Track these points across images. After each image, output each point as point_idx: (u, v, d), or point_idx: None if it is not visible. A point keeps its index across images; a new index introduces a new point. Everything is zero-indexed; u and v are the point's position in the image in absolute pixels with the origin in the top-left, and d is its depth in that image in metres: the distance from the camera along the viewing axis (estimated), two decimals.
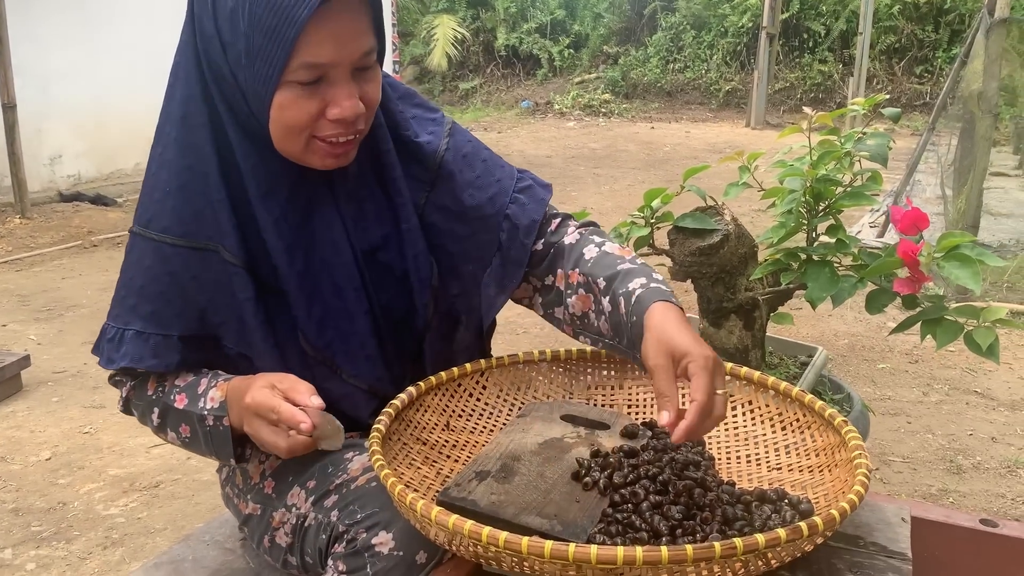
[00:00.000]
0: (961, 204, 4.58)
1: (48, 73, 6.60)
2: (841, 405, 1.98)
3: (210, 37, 1.06)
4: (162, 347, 1.14)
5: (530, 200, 1.29)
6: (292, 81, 1.02)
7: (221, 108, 1.10)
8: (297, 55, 1.00)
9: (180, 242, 1.12)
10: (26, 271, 4.95)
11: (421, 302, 1.22)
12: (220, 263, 1.12)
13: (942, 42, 11.98)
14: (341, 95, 1.04)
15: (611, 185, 7.66)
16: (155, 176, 1.14)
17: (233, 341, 1.16)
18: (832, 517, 0.91)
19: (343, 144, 1.09)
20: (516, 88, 14.57)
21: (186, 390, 1.16)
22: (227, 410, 1.12)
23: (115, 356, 1.16)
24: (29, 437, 2.88)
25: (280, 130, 1.06)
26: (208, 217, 1.11)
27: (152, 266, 1.13)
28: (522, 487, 1.08)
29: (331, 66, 1.03)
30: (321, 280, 1.17)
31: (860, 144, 1.69)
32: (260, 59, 1.01)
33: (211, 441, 1.14)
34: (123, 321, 1.15)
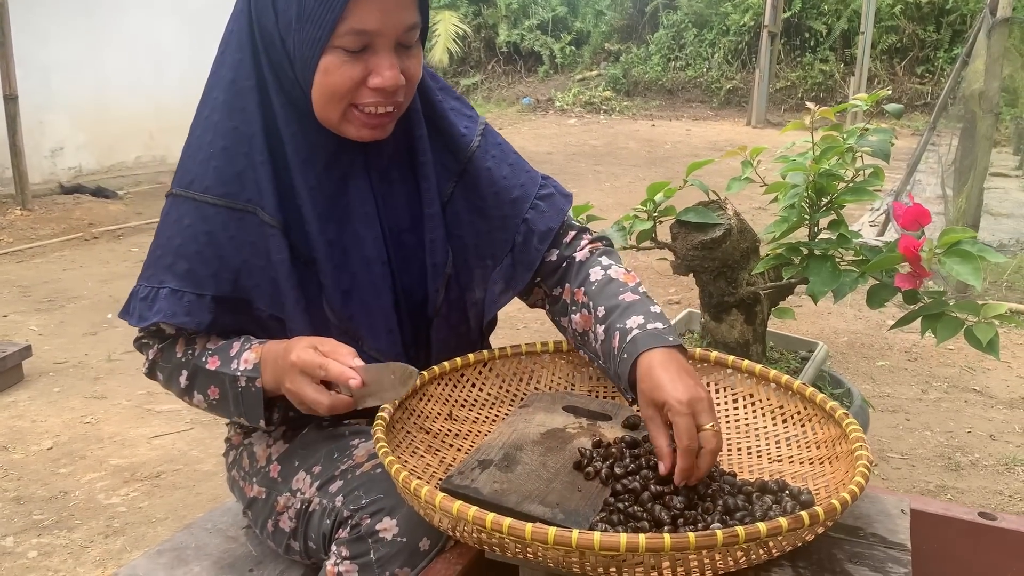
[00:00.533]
0: (961, 204, 4.58)
1: (50, 65, 6.59)
2: (841, 400, 1.99)
3: (264, 3, 1.10)
4: (195, 305, 1.15)
5: (549, 208, 1.33)
6: (338, 47, 1.07)
7: (268, 74, 1.14)
8: (345, 20, 1.04)
9: (220, 202, 1.14)
10: (27, 262, 4.96)
11: (433, 288, 1.24)
12: (258, 225, 1.14)
13: (943, 42, 11.98)
14: (383, 64, 1.08)
15: (612, 182, 7.67)
16: (199, 139, 1.17)
17: (265, 304, 1.18)
18: (833, 507, 0.92)
19: (380, 116, 1.12)
20: (517, 85, 14.56)
21: (218, 352, 1.17)
22: (260, 372, 1.13)
23: (147, 313, 1.16)
24: (31, 427, 2.89)
25: (322, 95, 1.10)
26: (249, 178, 1.14)
27: (192, 225, 1.15)
28: (524, 476, 1.09)
29: (376, 34, 1.07)
30: (351, 252, 1.19)
31: (863, 140, 1.69)
32: (310, 22, 1.05)
33: (242, 402, 1.15)
34: (157, 280, 1.17)
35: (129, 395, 3.16)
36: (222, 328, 1.19)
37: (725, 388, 1.32)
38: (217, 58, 1.18)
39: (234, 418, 1.20)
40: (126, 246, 5.41)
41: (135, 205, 6.49)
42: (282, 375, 1.10)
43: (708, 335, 1.97)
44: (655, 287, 4.55)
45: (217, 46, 1.19)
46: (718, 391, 1.33)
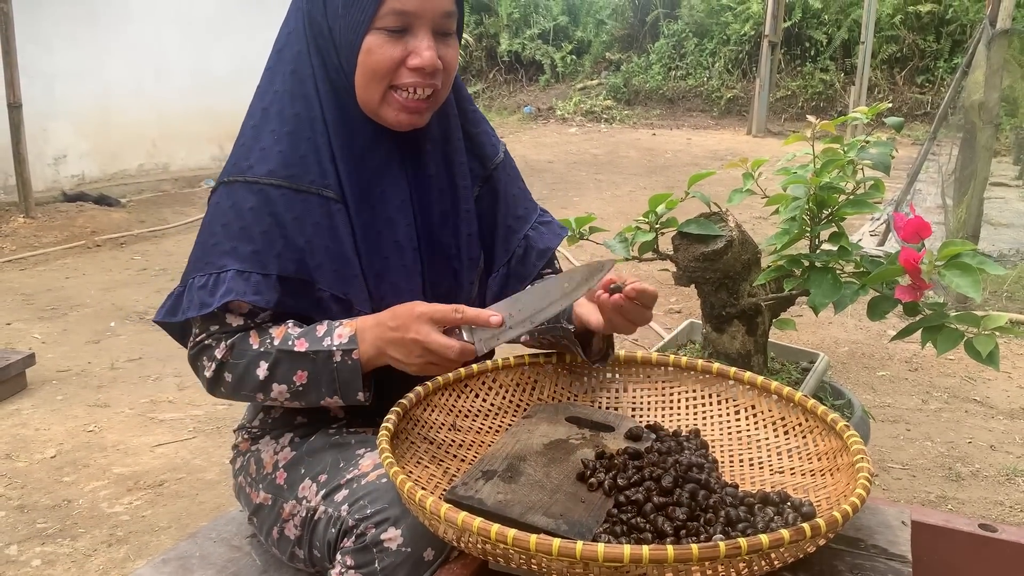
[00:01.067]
0: (961, 214, 4.59)
1: (54, 73, 6.62)
2: (842, 411, 2.00)
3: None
4: (263, 285, 1.18)
5: (548, 232, 1.43)
6: (380, 28, 1.15)
7: (315, 62, 1.21)
8: (387, 1, 1.13)
9: (285, 183, 1.19)
10: (30, 270, 4.97)
11: (468, 280, 1.31)
12: (321, 204, 1.20)
13: (943, 52, 12.01)
14: (422, 46, 1.16)
15: (613, 191, 7.68)
16: (258, 128, 1.23)
17: (328, 283, 1.21)
18: (834, 519, 0.93)
19: (417, 101, 1.19)
20: (519, 94, 14.59)
21: (305, 335, 1.18)
22: (357, 343, 1.15)
23: (211, 299, 1.17)
24: (34, 435, 2.90)
25: (365, 75, 1.17)
26: (311, 161, 1.20)
27: (255, 207, 1.19)
28: (528, 487, 1.10)
29: (415, 16, 1.15)
30: (384, 235, 1.24)
31: (863, 152, 1.71)
32: (355, 6, 1.15)
33: (337, 378, 1.16)
34: (216, 266, 1.18)
35: (132, 403, 3.17)
36: (286, 311, 1.21)
37: (727, 400, 1.33)
38: (273, 56, 1.25)
39: (322, 402, 1.20)
40: (129, 254, 5.42)
41: (138, 213, 6.51)
42: (394, 335, 1.12)
43: (710, 345, 1.98)
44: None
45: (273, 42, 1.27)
46: (720, 402, 1.34)
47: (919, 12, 11.96)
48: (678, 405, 1.36)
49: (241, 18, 8.12)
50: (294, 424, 1.34)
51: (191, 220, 6.29)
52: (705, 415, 1.34)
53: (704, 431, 1.30)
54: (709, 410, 1.34)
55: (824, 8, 12.60)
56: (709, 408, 1.34)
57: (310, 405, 1.22)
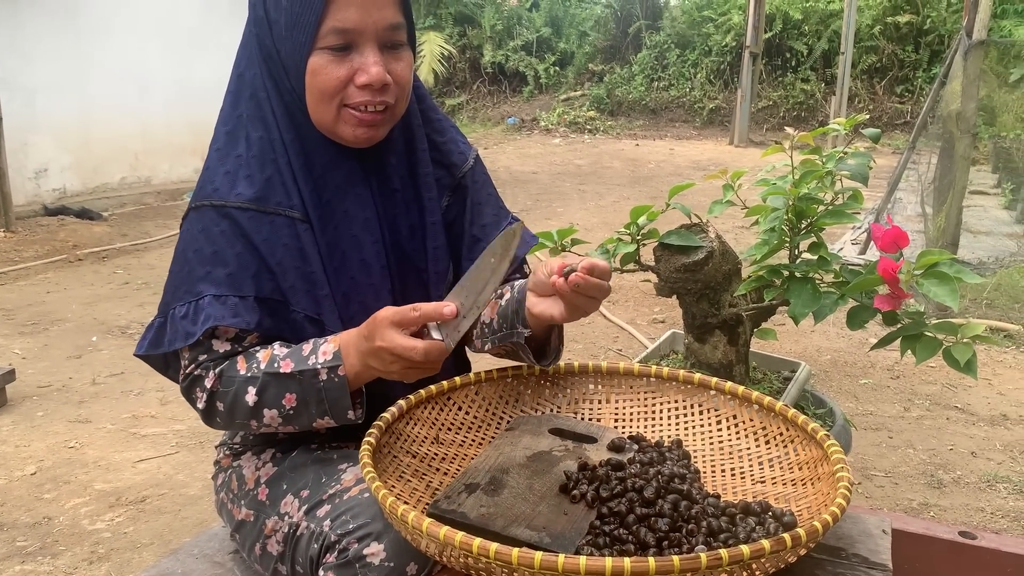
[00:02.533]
0: (941, 222, 4.64)
1: (35, 86, 6.59)
2: (823, 419, 2.01)
3: (260, 20, 1.19)
4: (241, 307, 1.17)
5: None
6: (323, 47, 1.14)
7: (268, 85, 1.20)
8: (326, 19, 1.12)
9: (253, 206, 1.19)
10: (10, 285, 4.93)
11: (436, 294, 1.29)
12: (288, 225, 1.19)
13: (922, 62, 12.15)
14: (368, 61, 1.15)
15: (596, 201, 7.71)
16: (222, 152, 1.22)
17: (301, 304, 1.21)
18: (815, 529, 0.93)
19: (371, 114, 1.17)
20: (502, 105, 14.63)
21: (290, 356, 1.16)
22: (342, 359, 1.13)
23: (194, 328, 1.16)
24: (14, 452, 2.87)
25: (314, 96, 1.17)
26: (276, 183, 1.20)
27: (226, 231, 1.18)
28: (511, 499, 1.10)
29: (358, 33, 1.14)
30: (350, 255, 1.23)
31: (841, 163, 1.72)
32: (297, 28, 1.13)
33: (325, 398, 1.14)
34: (193, 294, 1.18)
35: (114, 419, 3.14)
36: (266, 333, 1.20)
37: (709, 409, 1.34)
38: (233, 80, 1.25)
39: (314, 425, 1.18)
40: (111, 268, 5.39)
41: (120, 226, 6.47)
42: (368, 345, 1.10)
43: (692, 356, 1.99)
44: (640, 306, 4.58)
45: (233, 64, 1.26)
46: (702, 413, 1.34)
47: (898, 23, 12.10)
48: (660, 416, 1.37)
49: (224, 30, 8.10)
50: (276, 440, 1.34)
51: (174, 233, 6.26)
52: (687, 425, 1.34)
53: (686, 441, 1.31)
54: (691, 420, 1.35)
55: (804, 19, 12.73)
56: (691, 418, 1.35)
57: (303, 429, 1.20)
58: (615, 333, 4.16)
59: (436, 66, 13.96)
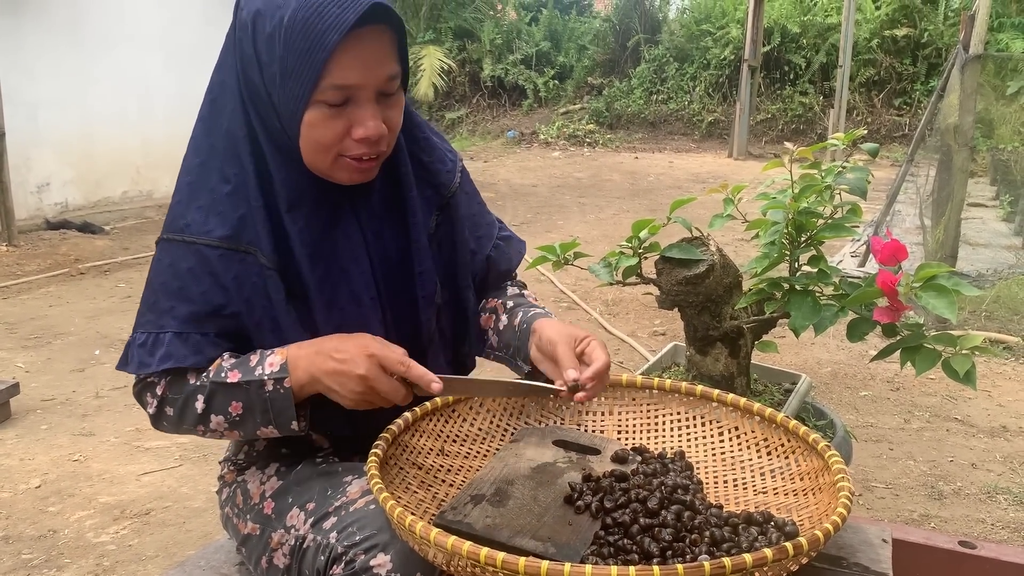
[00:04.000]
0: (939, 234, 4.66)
1: (37, 102, 6.62)
2: (824, 431, 2.02)
3: (248, 58, 1.15)
4: (202, 344, 1.18)
5: (509, 249, 1.46)
6: (321, 101, 1.11)
7: (256, 123, 1.18)
8: (326, 77, 1.09)
9: (224, 244, 1.18)
10: (13, 299, 4.94)
11: (425, 317, 1.29)
12: (257, 266, 1.18)
13: (920, 75, 12.21)
14: (366, 116, 1.13)
15: (596, 214, 7.73)
16: (194, 185, 1.20)
17: (267, 342, 1.21)
18: (816, 538, 0.95)
19: (367, 162, 1.17)
20: (502, 118, 14.69)
21: (237, 367, 1.17)
22: (289, 371, 1.15)
23: (150, 360, 1.18)
24: (19, 465, 2.88)
25: (309, 146, 1.15)
26: (249, 222, 1.18)
27: (193, 267, 1.18)
28: (516, 510, 1.11)
29: (357, 88, 1.12)
30: (340, 288, 1.23)
31: (840, 178, 1.74)
32: (292, 79, 1.10)
33: (270, 408, 1.16)
34: (156, 326, 1.19)
35: (118, 432, 3.15)
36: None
37: (711, 421, 1.36)
38: (206, 106, 1.22)
39: (258, 432, 1.20)
40: (113, 281, 5.41)
41: (122, 240, 6.50)
42: (332, 367, 1.12)
43: (693, 368, 2.00)
44: (641, 319, 4.60)
45: (205, 89, 1.23)
46: (704, 424, 1.36)
47: (895, 36, 12.17)
48: (663, 427, 1.38)
49: None
50: (280, 455, 1.35)
51: None
52: (690, 437, 1.36)
53: (689, 453, 1.32)
54: (693, 432, 1.36)
55: (802, 33, 12.80)
56: (693, 430, 1.36)
57: (248, 436, 1.22)
58: (616, 345, 4.18)
59: (436, 80, 14.02)
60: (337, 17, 1.06)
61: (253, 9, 1.12)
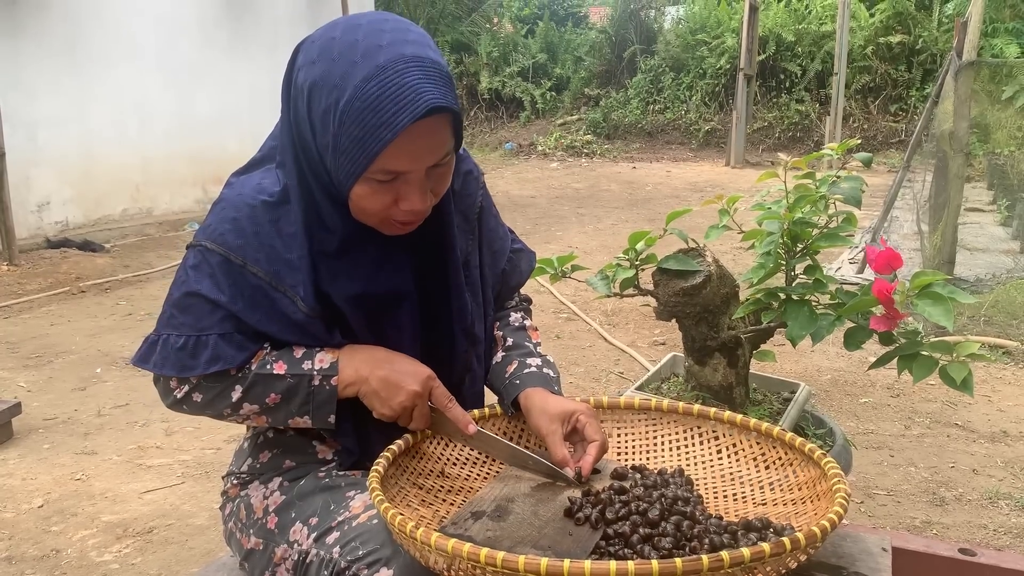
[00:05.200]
0: (937, 240, 4.68)
1: (37, 121, 6.65)
2: (823, 439, 2.03)
3: (303, 120, 1.15)
4: (244, 341, 1.22)
5: (521, 262, 1.48)
6: (371, 178, 1.12)
7: (309, 176, 1.19)
8: (378, 162, 1.09)
9: (266, 278, 1.20)
10: (14, 318, 4.95)
11: (461, 349, 1.34)
12: (294, 306, 1.21)
13: (915, 81, 12.26)
14: (413, 193, 1.14)
15: (595, 224, 7.75)
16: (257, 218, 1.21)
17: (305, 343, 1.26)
18: (813, 533, 0.96)
19: (412, 223, 1.21)
20: (500, 130, 14.74)
21: (282, 357, 1.22)
22: (338, 371, 1.20)
23: (192, 362, 1.20)
24: (21, 485, 2.88)
25: (357, 210, 1.18)
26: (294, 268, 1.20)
27: (234, 285, 1.20)
28: (516, 524, 1.12)
29: (408, 172, 1.13)
30: (385, 322, 1.27)
31: (834, 187, 1.76)
32: (345, 157, 1.10)
33: (311, 400, 1.21)
34: (196, 328, 1.21)
35: (120, 450, 3.16)
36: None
37: (709, 439, 1.36)
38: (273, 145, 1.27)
39: (288, 421, 1.24)
40: (114, 299, 5.42)
41: (122, 258, 6.51)
42: (387, 375, 1.20)
43: (692, 378, 2.01)
44: (640, 329, 4.60)
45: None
46: (703, 442, 1.37)
47: (890, 43, 12.22)
48: (662, 447, 1.39)
49: (223, 63, 8.20)
50: (283, 468, 1.36)
51: (175, 264, 6.29)
52: (688, 455, 1.37)
53: (688, 470, 1.33)
54: (692, 450, 1.37)
55: (797, 41, 12.85)
56: (692, 448, 1.37)
57: (276, 423, 1.26)
58: (616, 356, 4.18)
59: None
60: (393, 115, 1.05)
61: (310, 79, 1.11)
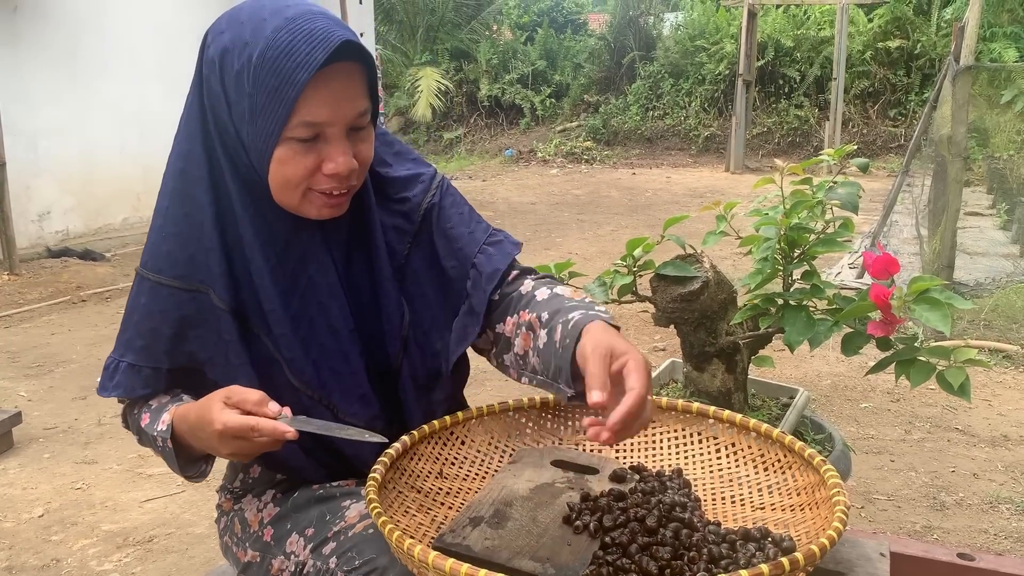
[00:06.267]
0: (936, 245, 4.68)
1: (37, 131, 6.67)
2: (823, 445, 2.03)
3: (216, 95, 1.14)
4: (152, 378, 1.23)
5: (497, 252, 1.34)
6: (291, 138, 1.11)
7: (223, 161, 1.18)
8: (296, 114, 1.09)
9: (174, 283, 1.20)
10: (15, 327, 4.96)
11: (392, 351, 1.29)
12: (210, 304, 1.20)
13: (914, 85, 12.28)
14: (336, 152, 1.13)
15: (595, 231, 7.76)
16: (155, 220, 1.24)
17: (218, 376, 1.22)
18: (812, 552, 0.95)
19: (337, 196, 1.17)
20: (499, 137, 14.76)
21: (150, 411, 1.24)
22: (171, 432, 1.19)
23: (108, 385, 1.25)
24: (21, 494, 2.88)
25: (279, 182, 1.15)
26: (201, 262, 1.19)
27: (147, 304, 1.21)
28: (515, 532, 1.12)
29: (327, 125, 1.11)
30: (317, 323, 1.24)
31: (831, 193, 1.76)
32: (262, 116, 1.09)
33: (165, 459, 1.23)
34: (119, 353, 1.25)
35: (120, 459, 3.16)
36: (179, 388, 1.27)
37: (708, 438, 1.36)
38: (173, 147, 1.23)
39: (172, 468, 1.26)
40: (114, 308, 5.42)
41: (123, 267, 6.52)
42: (211, 443, 1.12)
43: (691, 384, 2.01)
44: (640, 335, 4.60)
45: None
46: (701, 441, 1.37)
47: (888, 48, 12.24)
48: (660, 445, 1.39)
49: None
50: (275, 481, 1.35)
51: None
52: (687, 454, 1.37)
53: (686, 470, 1.33)
54: (691, 449, 1.37)
55: (796, 46, 12.88)
56: (691, 447, 1.37)
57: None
58: None
59: (433, 101, 14.10)
60: (307, 55, 1.05)
61: (220, 47, 1.12)
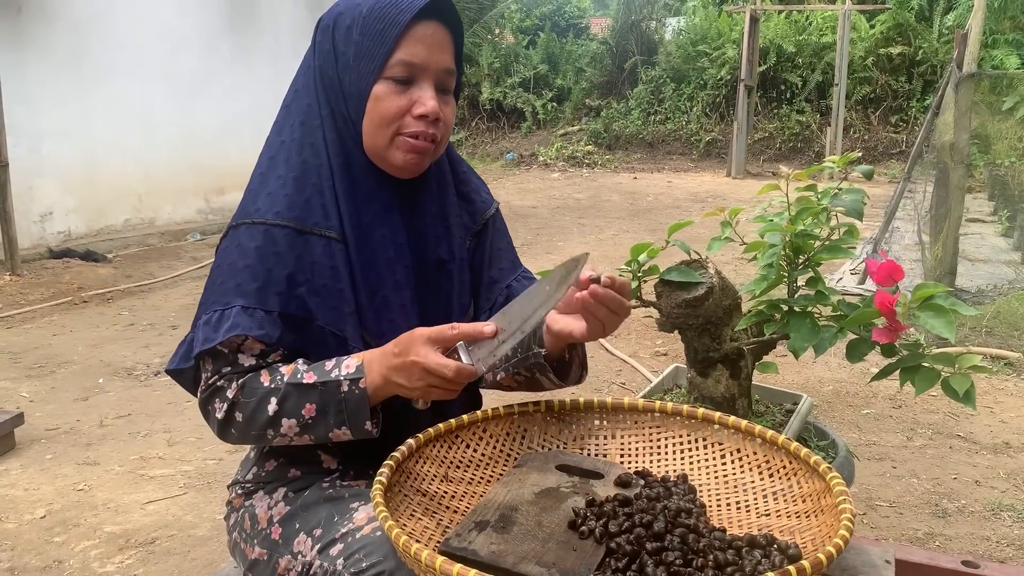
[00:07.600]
0: (938, 251, 4.68)
1: (40, 131, 6.67)
2: (826, 451, 2.03)
3: (327, 53, 1.29)
4: (266, 320, 1.24)
5: (530, 284, 1.46)
6: (389, 77, 1.25)
7: (324, 113, 1.30)
8: (396, 52, 1.24)
9: (289, 224, 1.26)
10: (17, 328, 4.96)
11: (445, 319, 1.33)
12: (323, 244, 1.27)
13: (916, 92, 12.29)
14: (426, 95, 1.26)
15: (596, 235, 7.76)
16: (265, 175, 1.30)
17: (326, 320, 1.27)
18: (819, 561, 0.96)
19: (423, 143, 1.27)
20: (501, 141, 14.77)
21: (313, 369, 1.23)
22: (364, 373, 1.20)
23: (214, 335, 1.22)
24: (23, 495, 2.88)
25: (373, 121, 1.26)
26: (315, 204, 1.28)
27: (261, 246, 1.25)
28: (520, 536, 1.12)
29: (421, 68, 1.25)
30: (384, 275, 1.31)
31: (836, 200, 1.76)
32: (366, 57, 1.24)
33: (345, 408, 1.21)
34: (222, 303, 1.24)
35: (122, 460, 3.16)
36: (289, 348, 1.27)
37: (713, 444, 1.37)
38: (281, 111, 1.34)
39: (330, 435, 1.23)
40: (116, 309, 5.42)
41: (124, 268, 6.52)
42: (398, 360, 1.17)
43: (695, 390, 2.01)
44: (643, 340, 4.61)
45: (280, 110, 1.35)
46: (706, 447, 1.37)
47: (890, 54, 12.26)
48: (665, 450, 1.39)
49: (225, 75, 8.22)
50: (287, 478, 1.36)
51: (178, 274, 6.31)
52: (692, 460, 1.37)
53: (691, 476, 1.33)
54: (696, 455, 1.37)
55: (798, 52, 12.89)
56: (696, 452, 1.37)
57: (319, 440, 1.25)
58: (618, 367, 4.19)
59: None
60: (409, 3, 1.22)
61: (335, 14, 1.28)
